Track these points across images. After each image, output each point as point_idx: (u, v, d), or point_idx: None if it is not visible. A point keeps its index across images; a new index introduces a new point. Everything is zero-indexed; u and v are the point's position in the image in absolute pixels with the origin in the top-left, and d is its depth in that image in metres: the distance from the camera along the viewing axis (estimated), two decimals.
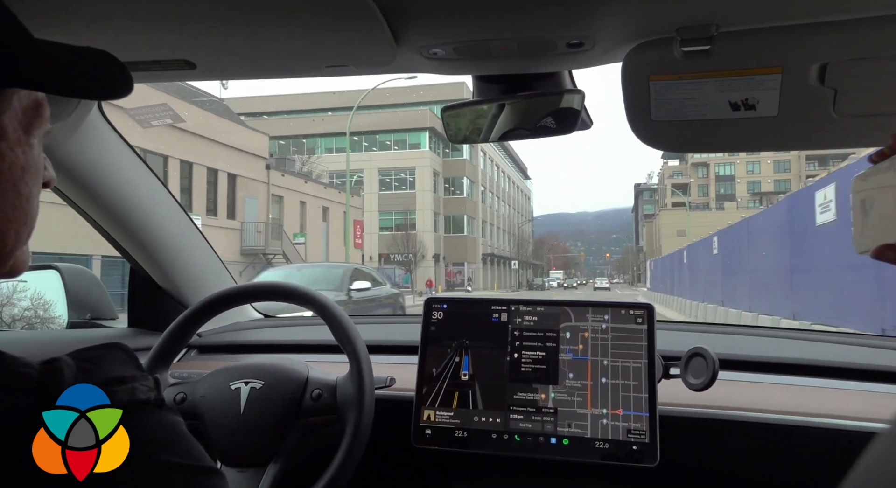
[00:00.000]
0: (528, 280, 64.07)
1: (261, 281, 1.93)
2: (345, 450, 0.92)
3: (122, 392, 0.40)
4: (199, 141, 17.94)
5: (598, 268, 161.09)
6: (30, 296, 1.44)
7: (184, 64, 0.83)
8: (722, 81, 0.73)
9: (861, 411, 0.97)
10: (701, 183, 75.18)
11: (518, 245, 61.13)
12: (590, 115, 0.96)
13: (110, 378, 0.41)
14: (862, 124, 0.77)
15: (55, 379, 0.39)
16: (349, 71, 0.88)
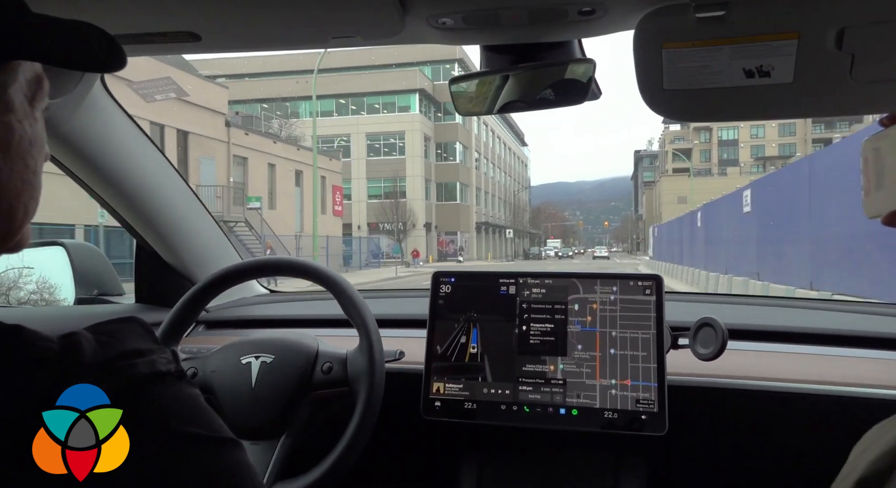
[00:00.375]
0: (525, 249, 62.42)
1: (270, 257, 1.41)
2: (357, 422, 0.93)
3: (141, 364, 0.40)
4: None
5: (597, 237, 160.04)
6: (35, 279, 1.45)
7: (188, 36, 0.82)
8: (736, 48, 0.72)
9: (869, 378, 0.98)
10: (703, 147, 73.04)
11: (514, 213, 59.07)
12: (598, 85, 0.93)
13: (129, 350, 0.41)
14: (879, 89, 0.75)
15: (76, 352, 0.39)
16: (356, 42, 0.87)
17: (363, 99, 38.19)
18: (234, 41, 0.88)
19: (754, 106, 0.81)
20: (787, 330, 1.15)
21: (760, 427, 1.04)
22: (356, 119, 38.26)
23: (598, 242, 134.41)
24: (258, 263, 1.12)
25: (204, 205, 1.43)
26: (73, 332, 0.40)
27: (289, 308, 1.54)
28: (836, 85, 0.74)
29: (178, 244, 1.37)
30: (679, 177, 65.44)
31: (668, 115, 0.86)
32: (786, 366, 1.05)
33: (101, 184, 1.21)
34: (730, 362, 1.00)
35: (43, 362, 0.38)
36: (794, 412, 1.00)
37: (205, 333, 1.42)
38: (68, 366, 0.38)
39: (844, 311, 1.24)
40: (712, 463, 1.12)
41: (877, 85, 0.74)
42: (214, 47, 0.87)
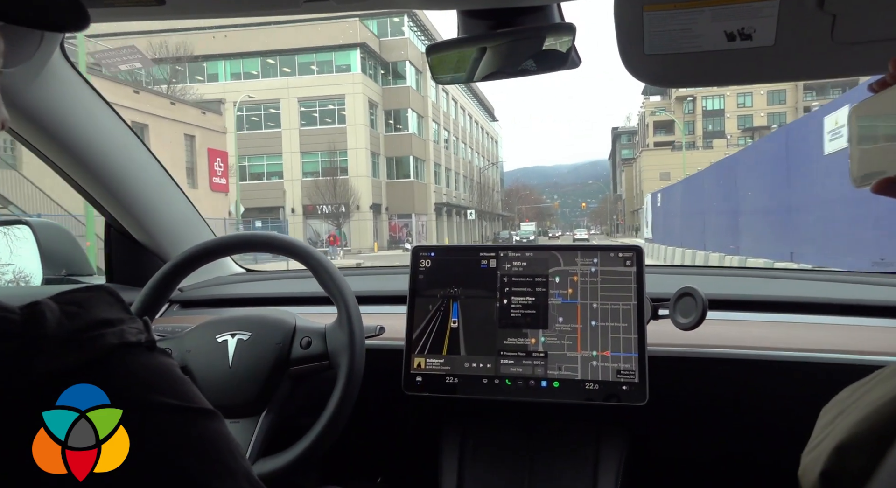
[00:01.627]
0: (495, 233, 56.91)
1: (244, 232, 1.41)
2: (339, 395, 0.91)
3: (110, 334, 0.39)
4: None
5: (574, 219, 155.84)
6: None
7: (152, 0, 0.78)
8: (717, 10, 0.71)
9: (839, 344, 1.00)
10: (687, 119, 67.88)
11: (480, 193, 52.08)
12: (578, 53, 0.91)
13: (97, 320, 0.39)
14: (861, 51, 0.75)
15: (39, 323, 0.37)
16: (329, 6, 0.84)
17: (294, 57, 31.89)
18: (200, 6, 0.84)
19: (736, 69, 0.81)
20: (764, 299, 1.17)
21: (738, 393, 1.06)
22: (286, 81, 31.87)
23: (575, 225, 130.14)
24: (233, 240, 1.08)
25: (174, 181, 1.38)
26: (36, 302, 0.38)
27: (266, 286, 1.50)
28: (817, 47, 0.74)
29: (149, 221, 1.33)
30: (661, 152, 60.35)
31: (649, 81, 0.86)
32: (763, 334, 1.07)
33: (65, 159, 1.16)
34: (709, 331, 1.01)
35: (3, 334, 0.36)
36: (771, 378, 1.02)
37: (179, 313, 1.40)
38: (31, 337, 0.36)
39: (818, 280, 1.26)
40: (692, 431, 1.15)
41: (858, 46, 0.74)
42: (179, 12, 0.84)
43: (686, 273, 1.39)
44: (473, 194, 50.24)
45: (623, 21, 0.73)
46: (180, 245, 1.34)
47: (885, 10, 0.68)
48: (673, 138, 63.42)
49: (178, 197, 1.40)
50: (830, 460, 0.41)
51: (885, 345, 0.98)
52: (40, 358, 0.36)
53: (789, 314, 1.12)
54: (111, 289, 0.43)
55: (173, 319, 1.32)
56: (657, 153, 60.11)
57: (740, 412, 1.08)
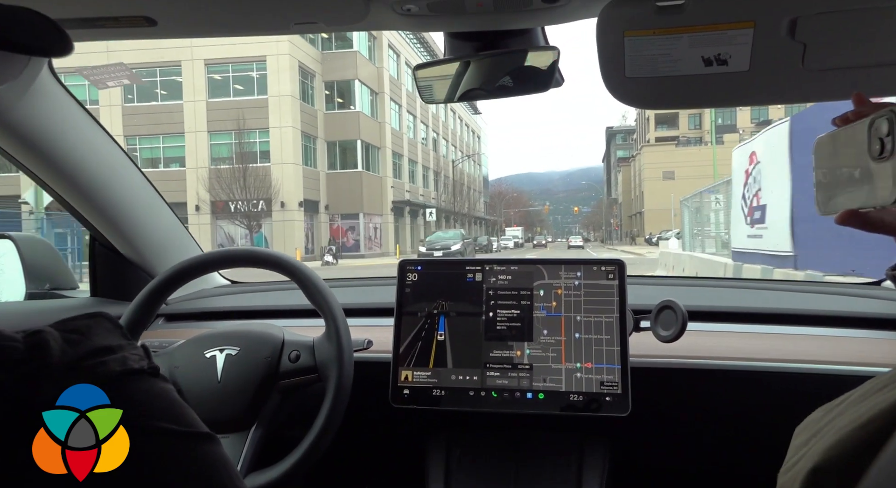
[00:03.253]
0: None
1: (232, 248, 1.41)
2: (328, 408, 0.92)
3: (112, 362, 0.39)
4: None
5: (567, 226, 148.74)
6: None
7: (143, 20, 0.79)
8: (695, 37, 0.73)
9: (818, 354, 1.02)
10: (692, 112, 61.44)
11: (454, 191, 42.49)
12: (562, 72, 0.94)
13: (99, 348, 0.40)
14: (830, 78, 0.78)
15: (43, 351, 0.38)
16: (318, 28, 0.86)
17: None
18: (192, 26, 0.85)
19: (713, 93, 0.83)
20: (743, 310, 1.19)
21: (719, 404, 1.08)
22: (188, 41, 24.53)
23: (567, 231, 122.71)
24: (221, 255, 1.09)
25: (161, 196, 1.38)
26: (38, 330, 0.39)
27: (251, 299, 1.50)
28: (789, 73, 0.77)
29: (135, 236, 1.33)
30: (664, 148, 53.14)
31: (629, 103, 0.87)
32: (742, 345, 1.09)
33: (52, 175, 1.16)
34: (690, 343, 1.03)
35: (8, 363, 0.36)
36: (750, 388, 1.04)
37: (165, 326, 1.39)
38: (36, 366, 0.37)
39: (797, 291, 1.28)
40: (674, 441, 1.16)
41: (828, 73, 0.77)
42: (171, 33, 0.85)
43: (667, 284, 1.43)
44: (445, 192, 42.58)
45: (605, 45, 0.76)
46: (166, 260, 1.35)
47: (852, 39, 0.72)
48: (677, 133, 56.34)
49: (165, 211, 1.40)
50: (807, 482, 0.42)
51: (863, 356, 1.01)
52: (45, 386, 0.36)
53: (769, 325, 1.15)
54: (109, 315, 0.44)
55: (159, 333, 1.32)
56: (659, 149, 52.95)
57: (721, 422, 1.10)
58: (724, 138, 52.06)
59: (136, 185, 1.31)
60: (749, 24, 0.70)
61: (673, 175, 55.75)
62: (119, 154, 1.25)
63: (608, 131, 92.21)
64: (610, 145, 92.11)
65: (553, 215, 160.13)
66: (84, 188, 1.20)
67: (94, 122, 1.19)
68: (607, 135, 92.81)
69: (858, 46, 0.73)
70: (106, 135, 1.22)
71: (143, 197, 1.33)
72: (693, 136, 55.58)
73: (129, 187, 1.29)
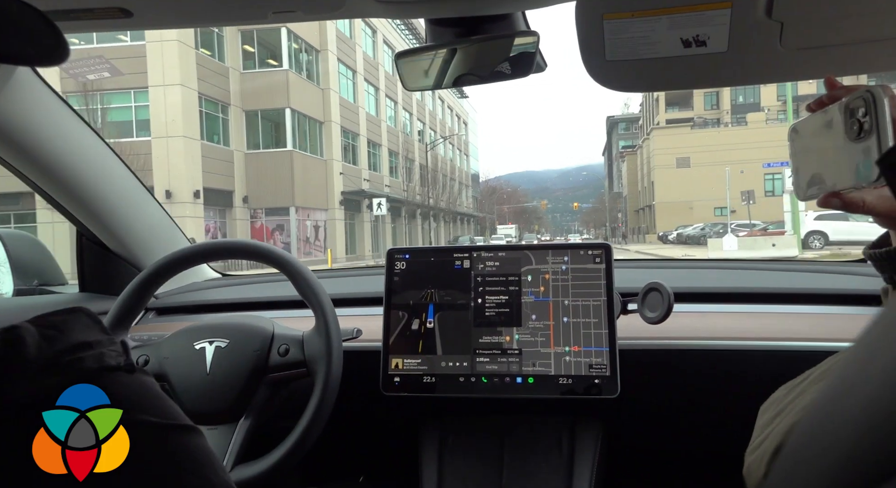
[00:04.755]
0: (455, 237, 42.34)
1: (221, 240, 1.72)
2: (316, 402, 0.92)
3: (89, 358, 0.39)
4: None
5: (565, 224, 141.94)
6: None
7: (118, 12, 0.78)
8: (673, 18, 0.73)
9: (802, 332, 1.04)
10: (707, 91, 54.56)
11: (428, 180, 34.22)
12: (544, 57, 0.94)
13: (76, 344, 0.40)
14: (808, 57, 0.78)
15: (18, 347, 0.37)
16: (297, 16, 0.84)
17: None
18: (168, 17, 0.84)
19: (693, 74, 0.84)
20: (729, 290, 1.20)
21: (707, 384, 1.09)
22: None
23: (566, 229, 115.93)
24: (208, 247, 1.08)
25: (147, 188, 1.38)
26: (14, 326, 0.39)
27: (242, 291, 1.50)
28: (768, 53, 0.77)
29: (122, 230, 1.33)
30: (677, 131, 46.05)
31: (611, 86, 0.87)
32: (728, 325, 1.10)
33: (33, 169, 1.15)
34: (677, 324, 1.05)
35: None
36: (736, 367, 1.05)
37: (155, 320, 1.39)
38: (10, 362, 0.37)
39: (781, 271, 1.30)
40: (663, 421, 1.17)
41: (805, 52, 0.77)
42: (147, 24, 0.84)
43: (654, 267, 1.42)
44: (421, 183, 35.64)
45: (584, 29, 0.76)
46: (154, 253, 1.34)
47: (829, 17, 0.72)
48: (691, 114, 49.24)
49: (151, 204, 1.40)
50: (773, 461, 0.42)
51: (846, 332, 1.01)
52: (20, 383, 0.36)
53: (754, 304, 1.16)
54: (88, 310, 0.44)
55: (149, 327, 1.31)
56: (671, 133, 45.77)
57: (710, 402, 1.11)
58: (748, 118, 45.20)
59: (120, 178, 1.30)
60: (727, 5, 0.70)
61: (688, 162, 48.08)
62: (102, 147, 1.25)
63: (609, 121, 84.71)
64: (611, 136, 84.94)
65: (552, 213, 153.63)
66: (68, 182, 1.19)
67: (76, 115, 1.18)
68: (608, 124, 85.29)
69: (835, 24, 0.73)
70: (88, 129, 1.21)
71: (128, 190, 1.33)
72: (710, 118, 48.61)
73: (114, 180, 1.29)
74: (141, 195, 1.36)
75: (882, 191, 0.52)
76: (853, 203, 0.53)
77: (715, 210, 46.93)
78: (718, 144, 46.85)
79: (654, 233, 44.91)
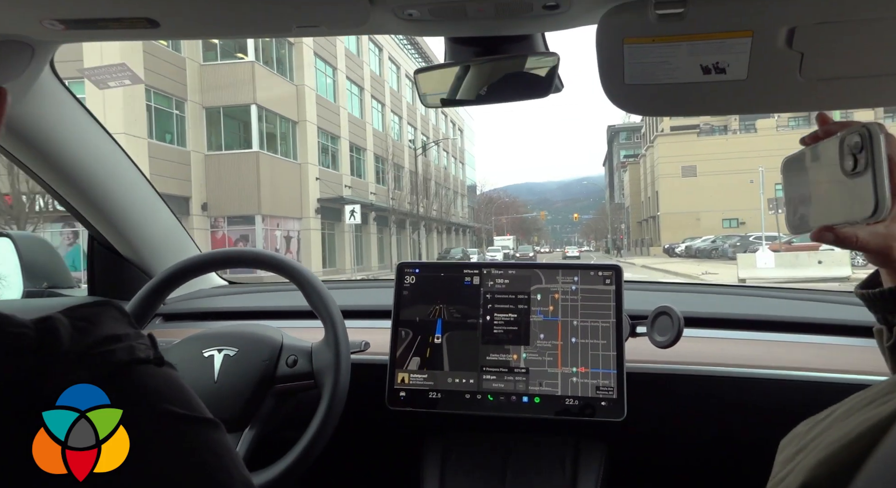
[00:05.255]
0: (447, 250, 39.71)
1: (232, 249, 1.48)
2: (322, 415, 0.92)
3: (120, 350, 0.40)
4: None
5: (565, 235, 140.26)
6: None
7: (146, 22, 0.78)
8: (694, 45, 0.73)
9: (814, 363, 1.02)
10: None
11: (418, 189, 29.94)
12: (561, 78, 0.93)
13: (107, 336, 0.40)
14: (827, 88, 0.78)
15: (53, 338, 0.38)
16: (321, 31, 0.85)
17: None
18: (194, 28, 0.85)
19: (711, 101, 0.83)
20: (740, 317, 1.18)
21: (714, 410, 1.07)
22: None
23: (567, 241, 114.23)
24: (220, 255, 1.09)
25: (160, 196, 1.38)
26: (48, 317, 0.39)
27: (249, 299, 1.50)
28: (787, 82, 0.76)
29: (134, 236, 1.33)
30: (683, 138, 43.96)
31: (628, 109, 0.87)
32: (738, 352, 1.08)
33: (51, 174, 1.16)
34: (686, 349, 1.03)
35: (19, 350, 0.36)
36: (746, 395, 1.03)
37: (162, 326, 1.39)
38: (47, 353, 0.37)
39: (794, 299, 1.27)
40: (668, 445, 1.16)
41: (824, 83, 0.76)
42: (173, 34, 0.84)
43: (664, 290, 1.40)
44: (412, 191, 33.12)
45: (605, 52, 0.76)
46: (165, 260, 1.34)
47: (849, 49, 0.72)
48: (697, 121, 47.17)
49: (164, 212, 1.40)
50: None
51: (856, 365, 1.00)
52: (55, 373, 0.36)
53: (765, 332, 1.14)
54: (117, 304, 0.44)
55: (156, 333, 1.22)
56: (677, 140, 43.69)
57: (717, 428, 1.09)
58: (757, 125, 43.11)
59: (135, 185, 1.31)
60: (747, 34, 0.70)
61: (694, 170, 45.91)
62: (119, 153, 1.25)
63: (610, 130, 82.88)
64: (612, 146, 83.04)
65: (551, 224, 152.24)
66: (84, 188, 1.20)
67: (95, 122, 1.19)
68: (609, 134, 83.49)
69: (856, 57, 0.73)
70: (106, 135, 1.22)
71: (142, 196, 1.33)
72: (717, 125, 46.51)
73: (129, 187, 1.29)
74: (154, 202, 1.37)
75: (875, 228, 0.53)
76: (846, 238, 0.53)
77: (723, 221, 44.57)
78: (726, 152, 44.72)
79: (659, 246, 42.64)
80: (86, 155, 1.16)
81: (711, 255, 26.68)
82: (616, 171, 76.77)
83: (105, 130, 1.21)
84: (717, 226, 41.81)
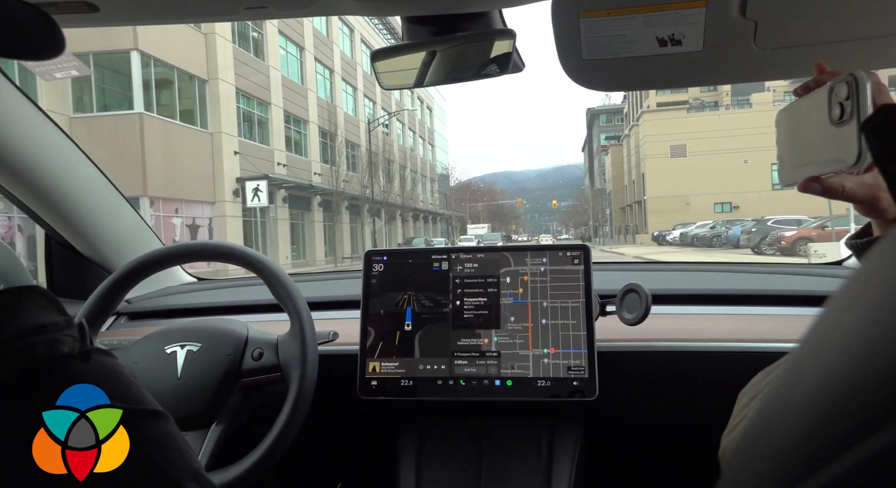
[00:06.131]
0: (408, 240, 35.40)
1: (193, 242, 1.31)
2: (290, 407, 0.91)
3: (41, 344, 0.37)
4: None
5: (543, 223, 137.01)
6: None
7: (84, 6, 0.77)
8: (649, 17, 0.73)
9: (779, 333, 1.05)
10: None
11: (370, 170, 24.92)
12: (521, 57, 0.94)
13: (27, 328, 0.37)
14: (782, 56, 0.78)
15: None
16: (269, 13, 0.83)
17: None
18: (136, 13, 0.82)
19: (668, 73, 0.83)
20: (706, 292, 1.20)
21: (685, 385, 1.09)
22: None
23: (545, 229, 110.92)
24: (181, 249, 1.05)
25: (118, 189, 1.35)
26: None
27: (217, 295, 1.47)
28: (742, 52, 0.77)
29: (92, 233, 1.30)
30: (671, 115, 40.25)
31: (588, 85, 0.87)
32: (705, 327, 1.10)
33: (1, 172, 1.12)
34: (655, 325, 1.05)
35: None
36: (714, 369, 1.05)
37: (127, 325, 1.36)
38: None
39: (758, 273, 1.30)
40: (641, 421, 1.17)
41: (779, 51, 0.77)
42: (114, 19, 0.82)
43: (632, 269, 1.41)
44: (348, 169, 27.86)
45: (560, 27, 0.76)
46: (126, 256, 1.31)
47: (802, 17, 0.72)
48: (685, 96, 43.49)
49: (123, 207, 1.37)
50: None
51: None
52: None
53: (732, 306, 1.16)
54: (43, 289, 0.41)
55: (120, 332, 1.28)
56: (664, 118, 39.87)
57: (688, 402, 1.11)
58: (752, 99, 39.59)
59: (91, 180, 1.27)
60: (701, 3, 0.71)
61: (684, 150, 41.98)
62: (71, 148, 1.22)
63: (589, 112, 79.12)
64: (591, 129, 79.39)
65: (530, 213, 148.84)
66: (36, 184, 1.16)
67: (45, 117, 1.15)
68: (588, 117, 79.82)
69: (808, 24, 0.73)
70: (56, 129, 1.18)
71: (98, 192, 1.30)
72: (708, 100, 42.94)
73: (84, 182, 1.26)
74: (112, 197, 1.34)
75: (862, 178, 0.52)
76: (833, 188, 0.53)
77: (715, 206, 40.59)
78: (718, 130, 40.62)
79: (646, 233, 38.83)
80: (35, 150, 1.12)
81: (713, 243, 22.80)
82: (596, 156, 72.91)
83: (55, 124, 1.16)
84: (708, 211, 37.95)
